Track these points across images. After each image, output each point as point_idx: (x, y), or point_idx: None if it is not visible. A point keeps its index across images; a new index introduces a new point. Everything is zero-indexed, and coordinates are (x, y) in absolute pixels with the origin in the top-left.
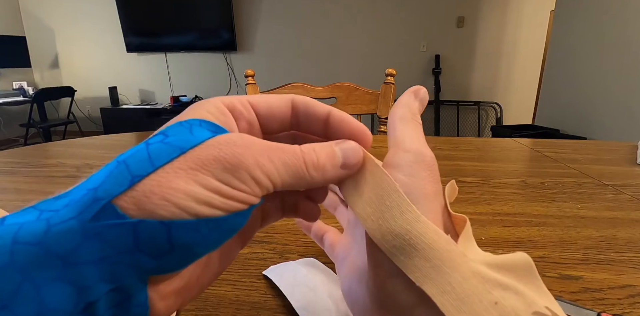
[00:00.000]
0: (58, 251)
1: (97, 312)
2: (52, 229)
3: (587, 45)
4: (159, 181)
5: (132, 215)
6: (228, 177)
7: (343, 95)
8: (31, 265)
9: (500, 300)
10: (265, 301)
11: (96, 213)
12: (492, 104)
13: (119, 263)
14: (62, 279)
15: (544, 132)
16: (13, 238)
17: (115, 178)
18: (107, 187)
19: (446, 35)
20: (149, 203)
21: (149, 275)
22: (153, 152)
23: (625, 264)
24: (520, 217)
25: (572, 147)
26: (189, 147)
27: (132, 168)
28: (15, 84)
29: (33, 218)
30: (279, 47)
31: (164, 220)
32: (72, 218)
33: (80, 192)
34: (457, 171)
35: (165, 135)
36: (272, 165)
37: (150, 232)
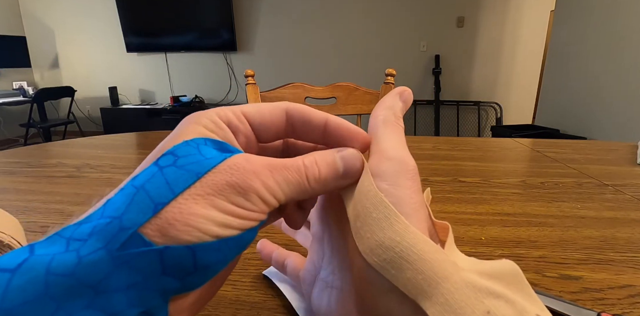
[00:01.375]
0: (89, 281)
1: None
2: (82, 260)
3: (587, 45)
4: (180, 208)
5: (158, 242)
6: (240, 199)
7: (343, 95)
8: (64, 295)
9: (492, 308)
10: (265, 301)
11: (124, 242)
12: (492, 104)
13: (146, 289)
14: (93, 307)
15: (544, 132)
16: (47, 270)
17: (138, 206)
18: (132, 216)
19: (446, 35)
20: (173, 230)
21: (172, 295)
22: (170, 178)
23: (625, 264)
24: (520, 217)
25: (572, 147)
26: (204, 172)
27: (152, 195)
28: (15, 84)
29: (62, 249)
30: (279, 47)
31: (189, 244)
32: (100, 248)
33: (103, 219)
34: (457, 171)
35: (176, 156)
36: (277, 186)
37: (177, 256)
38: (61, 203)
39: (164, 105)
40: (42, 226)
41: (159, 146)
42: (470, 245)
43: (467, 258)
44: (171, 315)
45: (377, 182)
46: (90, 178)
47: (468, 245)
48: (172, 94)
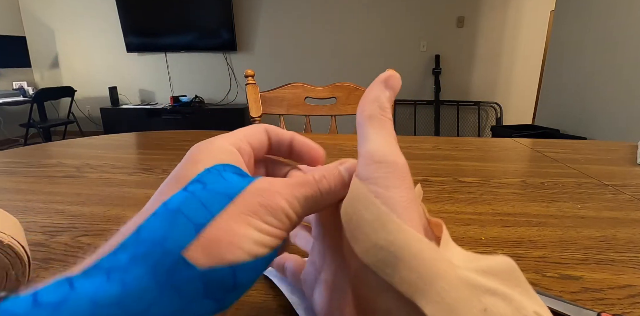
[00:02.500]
0: (136, 309)
1: None
2: (128, 288)
3: (587, 45)
4: (221, 228)
5: (201, 264)
6: (271, 219)
7: (343, 95)
8: None
9: (489, 306)
10: (265, 301)
11: (170, 266)
12: (492, 104)
13: (191, 309)
14: None
15: (544, 132)
16: (91, 302)
17: (178, 228)
18: (175, 238)
19: (446, 35)
20: (217, 249)
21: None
22: (205, 200)
23: (625, 264)
24: (520, 217)
25: (572, 147)
26: (235, 194)
27: (191, 216)
28: (15, 84)
29: (103, 279)
30: (279, 47)
31: (232, 264)
32: (145, 274)
33: (142, 244)
34: (457, 171)
35: (204, 183)
36: (297, 202)
37: (219, 277)
38: (61, 203)
39: (164, 105)
40: (42, 226)
41: (173, 175)
42: (470, 245)
43: (464, 253)
44: None
45: (368, 185)
46: (90, 178)
47: (468, 245)
48: (172, 94)
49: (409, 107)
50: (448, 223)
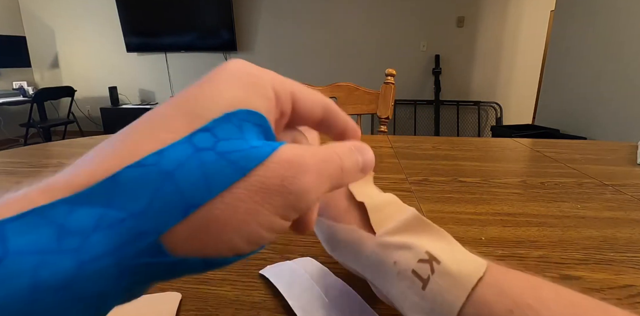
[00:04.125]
0: (86, 294)
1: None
2: (84, 268)
3: (587, 45)
4: (216, 216)
5: (177, 254)
6: (289, 210)
7: (343, 95)
8: (53, 311)
9: (398, 258)
10: (265, 301)
11: (140, 251)
12: (492, 104)
13: (141, 286)
14: (79, 311)
15: (544, 132)
16: (34, 283)
17: (164, 203)
18: (155, 217)
19: (446, 35)
20: (199, 242)
21: None
22: (210, 171)
23: (625, 264)
24: (520, 217)
25: (572, 147)
26: (250, 167)
27: (185, 192)
28: (15, 84)
29: (52, 246)
30: (279, 47)
31: (206, 258)
32: (108, 254)
33: (113, 211)
34: (457, 171)
35: (216, 137)
36: (323, 187)
37: (189, 267)
38: None
39: None
40: None
41: (181, 101)
42: (470, 245)
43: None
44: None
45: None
46: None
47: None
48: (172, 94)
49: (409, 107)
50: (448, 223)
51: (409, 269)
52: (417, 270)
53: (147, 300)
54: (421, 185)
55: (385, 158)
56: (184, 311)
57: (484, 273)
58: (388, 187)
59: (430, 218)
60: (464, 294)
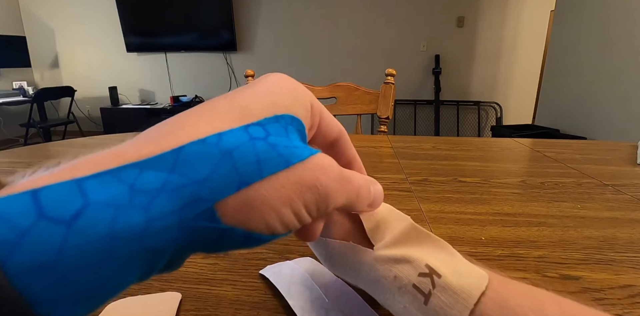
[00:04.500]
0: (153, 247)
1: (145, 278)
2: (152, 225)
3: (587, 45)
4: (263, 195)
5: (225, 222)
6: (313, 206)
7: (343, 95)
8: (124, 260)
9: (398, 273)
10: (265, 301)
11: (197, 214)
12: (492, 104)
13: (190, 250)
14: (145, 266)
15: (544, 132)
16: (111, 232)
17: (222, 177)
18: (213, 187)
19: (446, 35)
20: (245, 215)
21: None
22: (261, 156)
23: (625, 264)
24: (520, 217)
25: (572, 147)
26: (293, 161)
27: (240, 169)
28: (15, 84)
29: (125, 201)
30: (279, 47)
31: (249, 232)
32: (172, 213)
33: (177, 177)
34: (457, 171)
35: (266, 131)
36: (340, 200)
37: (233, 237)
38: None
39: (164, 105)
40: None
41: (238, 97)
42: (470, 245)
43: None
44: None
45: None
46: None
47: (468, 245)
48: (172, 94)
49: (409, 107)
50: (448, 223)
51: (409, 284)
52: (418, 285)
53: (147, 300)
54: (421, 185)
55: (385, 158)
56: (184, 311)
57: (485, 287)
58: (388, 187)
59: (430, 218)
60: (466, 310)
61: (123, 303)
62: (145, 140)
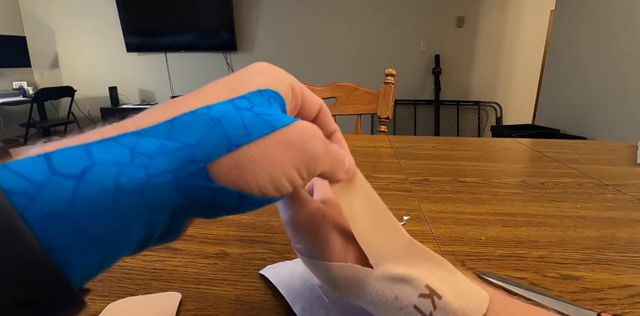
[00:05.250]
0: (153, 201)
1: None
2: (152, 180)
3: (587, 45)
4: (252, 156)
5: (219, 181)
6: (303, 167)
7: (343, 95)
8: (128, 212)
9: (398, 293)
10: (265, 301)
11: (192, 173)
12: (492, 104)
13: (188, 212)
14: (146, 222)
15: (544, 132)
16: (116, 184)
17: (213, 140)
18: (206, 150)
19: (446, 35)
20: (237, 175)
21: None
22: (248, 122)
23: (625, 264)
24: (520, 217)
25: (572, 147)
26: (278, 126)
27: (229, 133)
28: (15, 84)
29: (126, 161)
30: (279, 47)
31: (242, 192)
32: (169, 172)
33: (172, 142)
34: (457, 171)
35: (251, 103)
36: (326, 164)
37: (227, 198)
38: None
39: None
40: None
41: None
42: (470, 245)
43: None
44: None
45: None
46: None
47: (468, 245)
48: (172, 94)
49: (409, 107)
50: (448, 223)
51: (410, 305)
52: (419, 306)
53: (147, 300)
54: (421, 185)
55: (385, 158)
56: (184, 311)
57: (486, 309)
58: (388, 187)
59: (430, 218)
60: None
61: (123, 303)
62: (142, 116)
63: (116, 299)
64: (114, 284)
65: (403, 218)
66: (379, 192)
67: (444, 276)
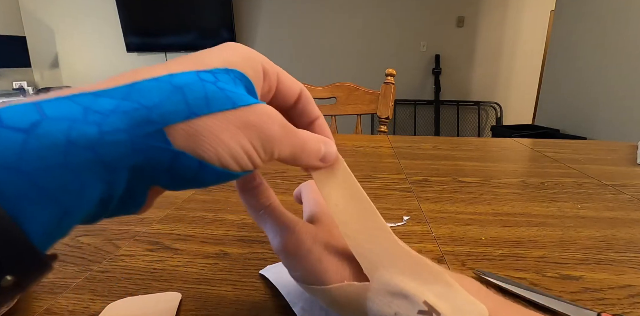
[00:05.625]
0: (106, 158)
1: (109, 205)
2: (105, 137)
3: (587, 45)
4: (211, 127)
5: (177, 146)
6: (259, 145)
7: (343, 95)
8: (81, 167)
9: (397, 309)
10: (265, 301)
11: (148, 133)
12: (492, 104)
13: (146, 177)
14: (101, 180)
15: (544, 132)
16: (67, 139)
17: (172, 105)
18: (163, 112)
19: (446, 35)
20: (194, 142)
21: (156, 187)
22: (210, 94)
23: (625, 264)
24: (520, 217)
25: (572, 147)
26: (239, 105)
27: (190, 102)
28: (15, 84)
29: (80, 117)
30: (279, 47)
31: (201, 160)
32: (123, 130)
33: (129, 102)
34: (457, 171)
35: (216, 78)
36: (285, 148)
37: (187, 164)
38: None
39: None
40: None
41: (193, 56)
42: (470, 245)
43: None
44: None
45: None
46: None
47: (468, 245)
48: None
49: (409, 107)
50: (448, 223)
51: None
52: None
53: (147, 300)
54: (421, 185)
55: (385, 158)
56: (184, 311)
57: None
58: (388, 187)
59: (430, 218)
60: None
61: (123, 303)
62: (105, 81)
63: (116, 299)
64: (114, 284)
65: (403, 218)
66: (379, 192)
67: (441, 289)
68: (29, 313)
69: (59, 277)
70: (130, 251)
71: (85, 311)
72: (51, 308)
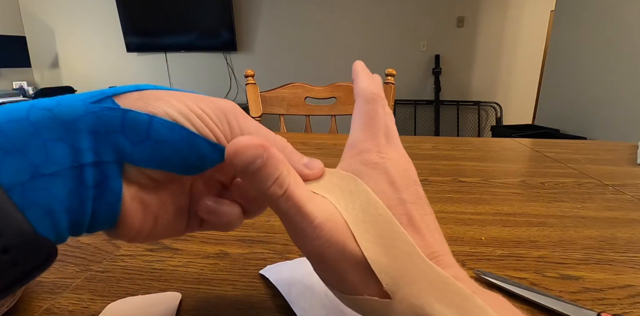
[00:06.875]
0: (63, 118)
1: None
2: (61, 102)
3: (587, 45)
4: (158, 93)
5: (126, 107)
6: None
7: (343, 95)
8: (41, 123)
9: None
10: (265, 301)
11: (98, 100)
12: (492, 104)
13: (105, 140)
14: (63, 140)
15: (544, 132)
16: (30, 104)
17: (122, 88)
18: (114, 90)
19: (446, 35)
20: (143, 103)
21: (124, 162)
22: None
23: (625, 264)
24: (520, 217)
25: (572, 147)
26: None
27: (140, 85)
28: (15, 84)
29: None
30: (279, 47)
31: (150, 113)
32: (77, 100)
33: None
34: (457, 171)
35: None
36: (249, 122)
37: (136, 119)
38: None
39: None
40: None
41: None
42: (470, 245)
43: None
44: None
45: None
46: None
47: (468, 245)
48: None
49: (409, 107)
50: (448, 223)
51: None
52: None
53: (147, 300)
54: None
55: None
56: (184, 311)
57: None
58: None
59: None
60: None
61: (123, 303)
62: None
63: (116, 299)
64: (114, 284)
65: None
66: None
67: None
68: (29, 313)
69: (59, 277)
70: (130, 251)
71: (85, 311)
72: (51, 308)
